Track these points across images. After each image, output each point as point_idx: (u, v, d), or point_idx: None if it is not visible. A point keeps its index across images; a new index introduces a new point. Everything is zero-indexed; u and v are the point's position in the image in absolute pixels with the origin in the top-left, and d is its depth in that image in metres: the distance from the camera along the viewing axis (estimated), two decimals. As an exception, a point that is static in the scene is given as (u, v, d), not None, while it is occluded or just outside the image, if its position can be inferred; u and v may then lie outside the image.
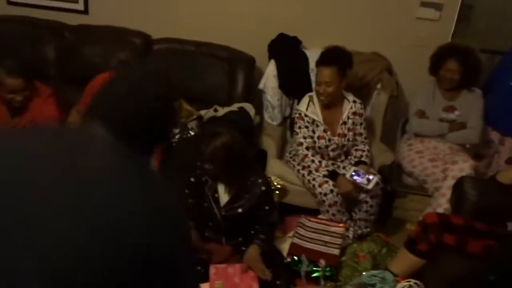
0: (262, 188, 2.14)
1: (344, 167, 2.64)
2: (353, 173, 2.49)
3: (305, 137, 2.63)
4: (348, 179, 2.49)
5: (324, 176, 2.53)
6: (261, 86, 3.01)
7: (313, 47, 3.08)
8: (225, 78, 3.00)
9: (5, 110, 2.42)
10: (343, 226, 2.48)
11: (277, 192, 2.64)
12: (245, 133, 2.70)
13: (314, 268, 2.28)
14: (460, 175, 2.45)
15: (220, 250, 2.17)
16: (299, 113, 2.67)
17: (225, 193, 2.16)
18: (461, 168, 2.51)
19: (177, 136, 2.70)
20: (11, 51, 2.83)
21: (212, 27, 3.15)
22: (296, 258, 2.32)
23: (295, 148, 2.69)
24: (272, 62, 3.00)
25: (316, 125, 2.65)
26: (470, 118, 2.76)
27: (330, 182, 2.50)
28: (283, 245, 2.43)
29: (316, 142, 2.65)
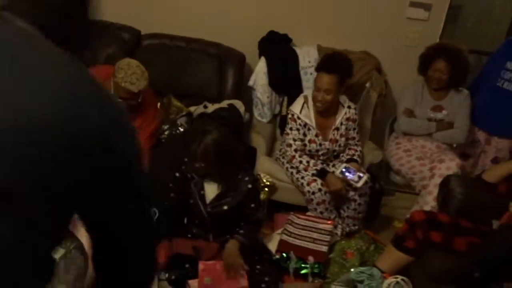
0: (249, 186, 2.14)
1: (334, 165, 2.65)
2: (344, 170, 2.50)
3: (295, 140, 2.61)
4: (338, 177, 2.51)
5: (313, 175, 2.53)
6: (251, 83, 3.01)
7: (304, 45, 3.09)
8: (215, 75, 2.99)
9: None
10: (331, 223, 2.49)
11: (266, 189, 2.64)
12: (235, 130, 2.70)
13: (303, 265, 2.29)
14: (447, 174, 2.48)
15: (208, 247, 2.17)
16: (292, 114, 2.64)
17: (212, 191, 2.15)
18: (448, 167, 2.55)
19: (167, 132, 2.69)
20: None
21: (203, 24, 3.13)
22: (285, 255, 2.32)
23: (284, 148, 2.70)
24: (262, 59, 3.00)
25: (308, 129, 2.62)
26: (457, 118, 2.80)
27: (319, 181, 2.51)
28: (272, 242, 2.44)
29: (307, 146, 2.64)
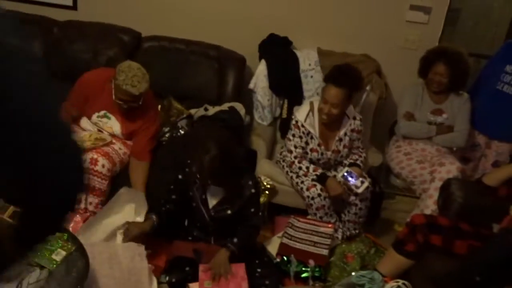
0: (252, 191, 2.15)
1: (336, 169, 2.64)
2: (346, 174, 2.48)
3: (296, 147, 2.57)
4: (338, 181, 2.50)
5: (313, 180, 2.51)
6: (252, 86, 3.01)
7: (304, 48, 3.09)
8: (216, 77, 2.99)
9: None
10: (332, 227, 2.49)
11: (267, 192, 2.64)
12: (235, 133, 2.70)
13: (303, 268, 2.29)
14: (447, 177, 2.48)
15: (209, 250, 2.16)
16: (296, 121, 2.57)
17: (215, 195, 2.15)
18: (448, 170, 2.55)
19: (167, 135, 2.69)
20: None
21: (203, 26, 3.14)
22: (285, 258, 2.32)
23: (285, 152, 2.66)
24: (263, 62, 3.00)
25: (311, 137, 2.57)
26: (457, 122, 2.81)
27: (318, 186, 2.48)
28: (272, 245, 2.43)
29: (308, 154, 2.59)
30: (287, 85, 3.03)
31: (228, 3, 3.13)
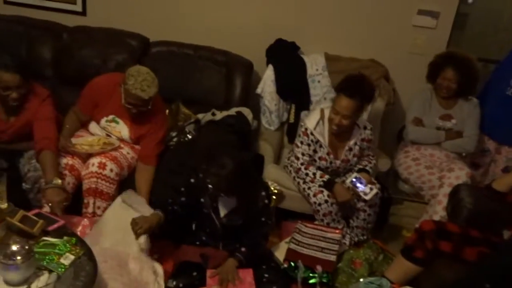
0: (265, 201, 2.17)
1: (345, 175, 2.63)
2: (355, 180, 2.46)
3: (304, 154, 2.54)
4: (346, 187, 2.49)
5: (320, 186, 2.50)
6: (259, 91, 3.01)
7: (311, 53, 3.09)
8: (223, 82, 3.00)
9: (1, 110, 2.39)
10: (340, 232, 2.48)
11: (274, 197, 2.63)
12: (243, 138, 2.71)
13: (311, 274, 2.28)
14: (457, 183, 2.46)
15: (217, 255, 2.16)
16: (306, 129, 2.52)
17: (226, 205, 2.15)
18: (458, 176, 2.53)
19: (175, 140, 2.70)
20: (8, 49, 2.81)
21: (211, 31, 3.15)
22: (293, 264, 2.31)
23: (293, 158, 2.65)
24: (270, 67, 3.00)
25: (320, 146, 2.53)
26: (466, 127, 2.79)
27: (325, 192, 2.47)
28: (280, 251, 2.43)
29: (317, 162, 2.56)
30: (295, 90, 3.03)
31: (236, 9, 3.15)
